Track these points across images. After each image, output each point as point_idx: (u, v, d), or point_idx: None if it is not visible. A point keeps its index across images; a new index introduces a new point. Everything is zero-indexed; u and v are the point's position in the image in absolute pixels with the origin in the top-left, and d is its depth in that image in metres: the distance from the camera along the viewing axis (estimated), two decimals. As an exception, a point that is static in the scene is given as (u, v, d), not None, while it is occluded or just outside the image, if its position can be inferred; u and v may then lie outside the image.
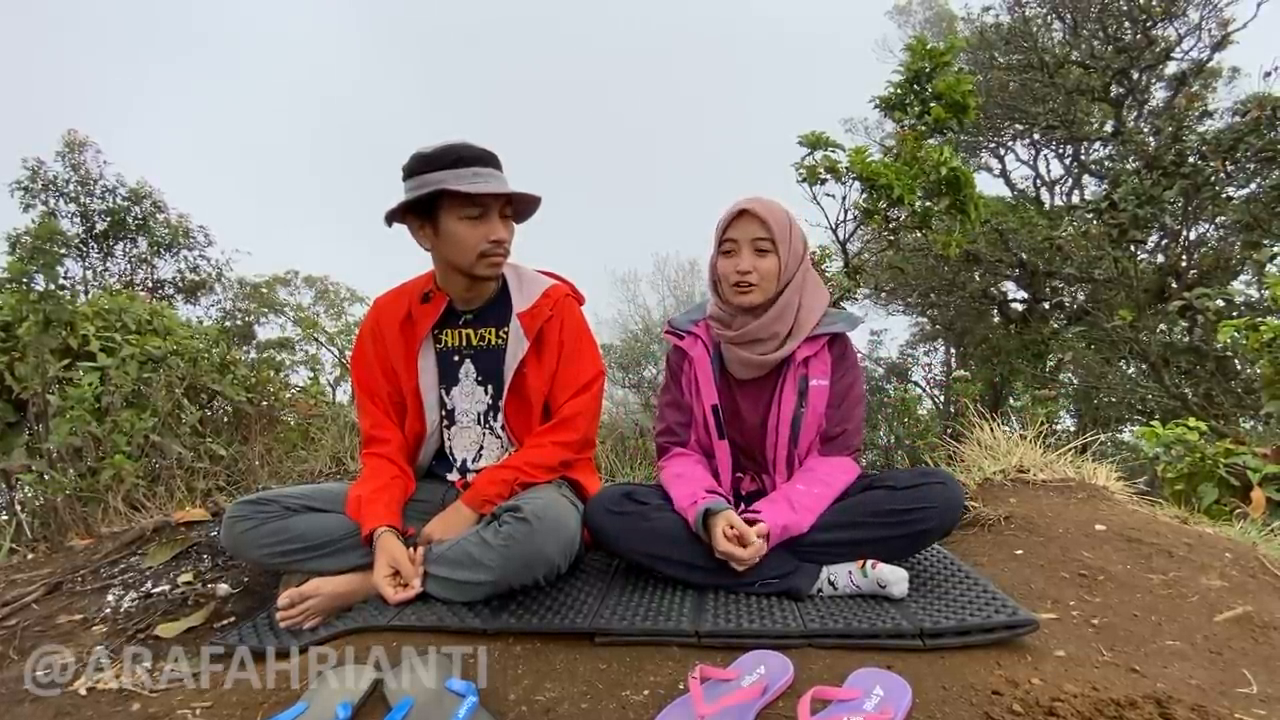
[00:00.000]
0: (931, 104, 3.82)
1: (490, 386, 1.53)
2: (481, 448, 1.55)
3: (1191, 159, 6.03)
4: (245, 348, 7.62)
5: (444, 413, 1.54)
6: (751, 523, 1.30)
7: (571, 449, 1.49)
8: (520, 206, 1.47)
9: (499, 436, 1.54)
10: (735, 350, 1.47)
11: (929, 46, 3.82)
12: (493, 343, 1.52)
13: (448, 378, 1.53)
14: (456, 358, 1.53)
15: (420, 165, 1.37)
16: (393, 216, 1.42)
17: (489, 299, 1.54)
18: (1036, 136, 11.95)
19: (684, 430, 1.56)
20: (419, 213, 1.41)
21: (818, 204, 4.00)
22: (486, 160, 1.39)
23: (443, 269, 1.48)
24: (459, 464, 1.55)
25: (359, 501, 1.38)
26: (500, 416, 1.52)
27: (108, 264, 7.41)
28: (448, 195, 1.36)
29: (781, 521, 1.30)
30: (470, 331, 1.53)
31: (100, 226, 7.23)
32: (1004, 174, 13.09)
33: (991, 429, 2.54)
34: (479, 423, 1.54)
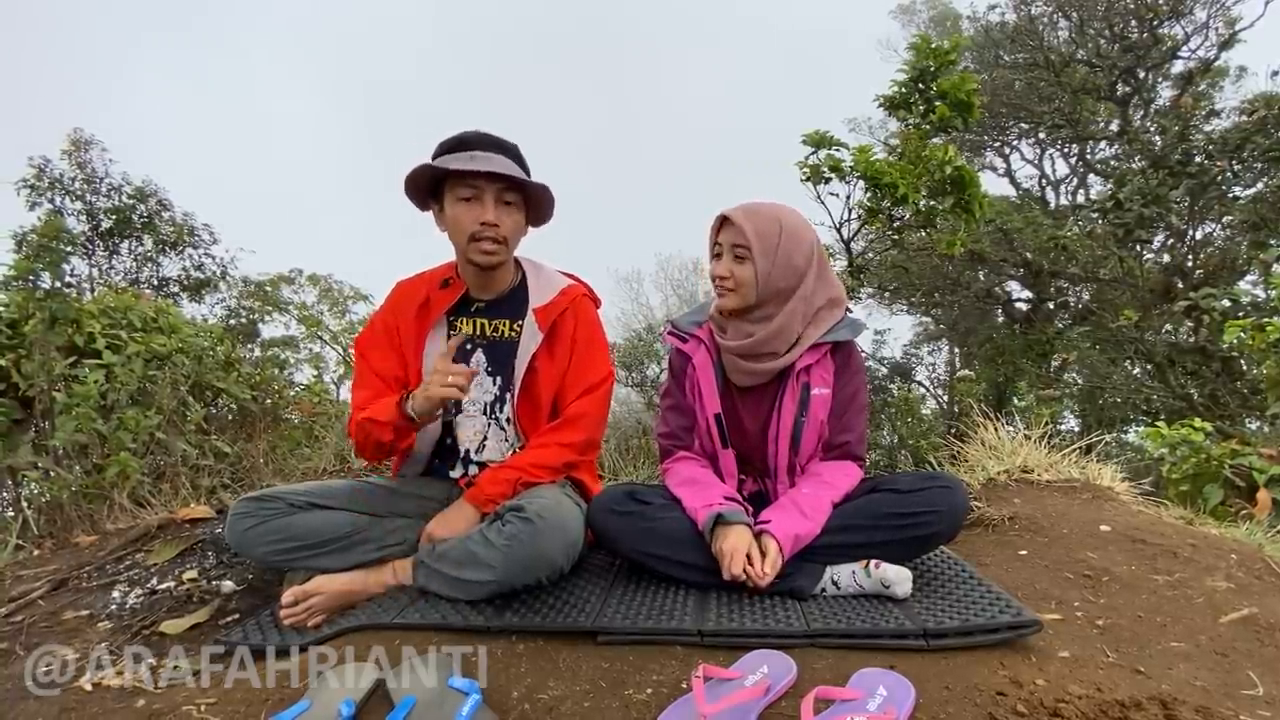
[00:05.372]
0: (936, 103, 3.81)
1: (500, 378, 1.53)
2: (485, 439, 1.55)
3: (1198, 158, 6.00)
4: (249, 346, 7.63)
5: (450, 401, 1.54)
6: (761, 534, 1.30)
7: (576, 450, 1.48)
8: (534, 201, 1.48)
9: (504, 429, 1.54)
10: (734, 359, 1.47)
11: (933, 45, 3.81)
12: (506, 334, 1.53)
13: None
14: (469, 346, 1.53)
15: (435, 150, 1.43)
16: (418, 203, 1.47)
17: (506, 291, 1.55)
18: (1042, 135, 11.92)
19: (687, 435, 1.55)
20: (439, 199, 1.45)
21: (822, 203, 4.00)
22: (489, 145, 1.41)
23: (457, 257, 1.51)
24: (461, 455, 1.55)
25: (366, 420, 1.37)
26: (507, 408, 1.52)
27: (113, 262, 7.43)
28: (448, 177, 1.40)
29: (793, 531, 1.29)
30: (485, 321, 1.54)
31: (106, 225, 7.25)
32: (1009, 173, 13.06)
33: (995, 429, 2.53)
34: (485, 413, 1.54)
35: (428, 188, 1.45)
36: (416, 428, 1.39)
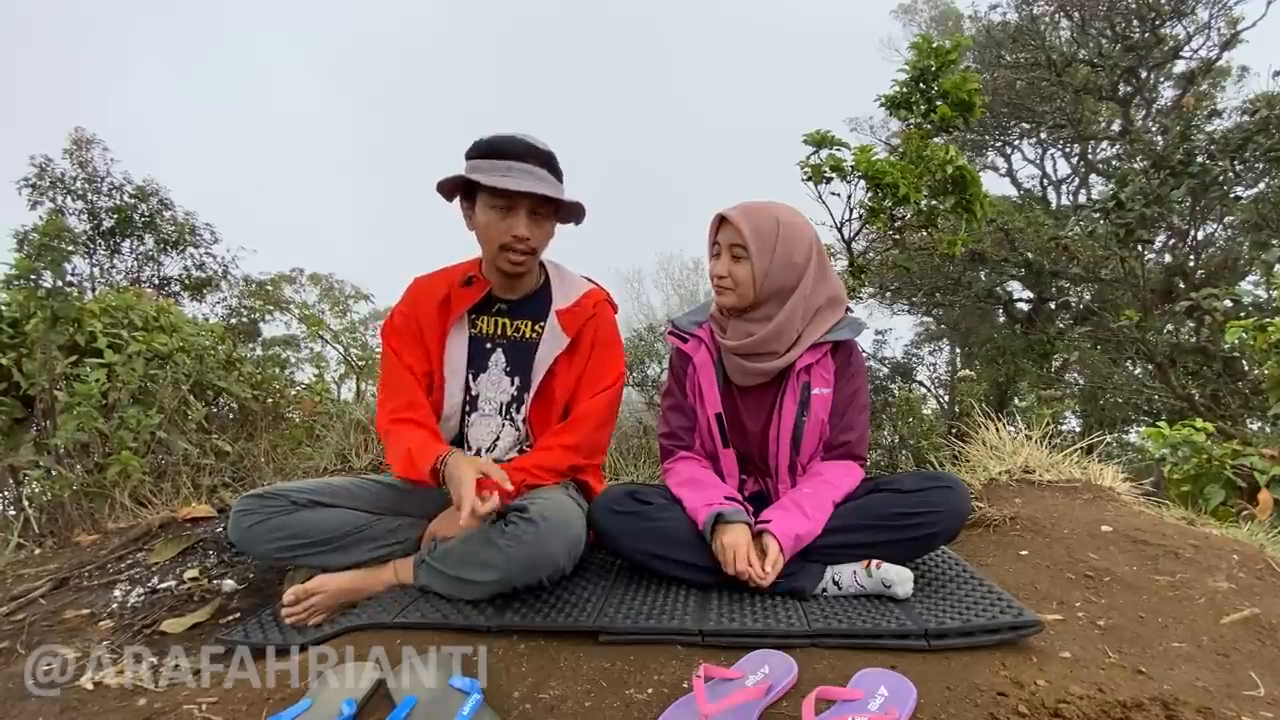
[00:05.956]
0: (937, 103, 3.80)
1: (517, 378, 1.53)
2: (498, 438, 1.54)
3: (1199, 158, 5.98)
4: (251, 345, 7.63)
5: (467, 399, 1.54)
6: (761, 533, 1.30)
7: (580, 452, 1.48)
8: (566, 208, 1.49)
9: (518, 429, 1.54)
10: (735, 358, 1.47)
11: (934, 45, 3.80)
12: (527, 335, 1.53)
13: (476, 364, 1.53)
14: (489, 345, 1.53)
15: (470, 151, 1.42)
16: (445, 196, 1.47)
17: (529, 292, 1.56)
18: (1043, 135, 11.92)
19: (688, 435, 1.55)
20: (469, 197, 1.45)
21: (823, 203, 3.98)
22: (525, 157, 1.40)
23: (484, 259, 1.52)
24: (472, 453, 1.55)
25: (410, 455, 1.36)
26: (523, 409, 1.52)
27: (114, 261, 7.42)
28: (479, 183, 1.39)
29: (794, 530, 1.28)
30: (506, 321, 1.54)
31: (107, 224, 7.25)
32: (1010, 173, 13.06)
33: (997, 429, 2.53)
34: (500, 413, 1.54)
35: (460, 185, 1.45)
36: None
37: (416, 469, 1.34)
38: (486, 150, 1.40)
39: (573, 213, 1.51)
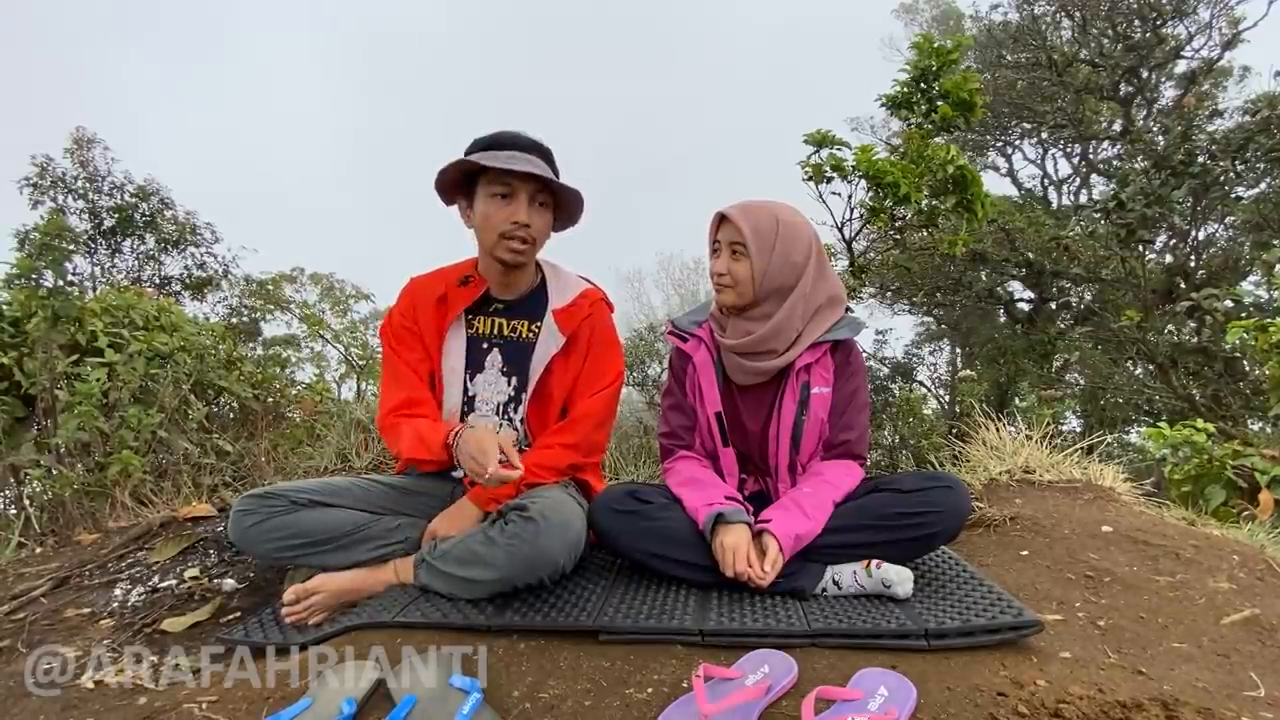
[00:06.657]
0: (938, 102, 3.80)
1: (514, 379, 1.53)
2: None
3: (1201, 158, 5.97)
4: (251, 344, 7.63)
5: (465, 399, 1.54)
6: (761, 533, 1.30)
7: (579, 451, 1.48)
8: (564, 204, 1.49)
9: (516, 429, 1.54)
10: (734, 357, 1.47)
11: (935, 45, 3.80)
12: (524, 335, 1.53)
13: (473, 364, 1.53)
14: (485, 345, 1.54)
15: (471, 146, 1.44)
16: (444, 197, 1.48)
17: (526, 292, 1.56)
18: (1044, 135, 11.90)
19: (688, 434, 1.55)
20: (468, 195, 1.46)
21: (823, 202, 3.98)
22: (527, 148, 1.42)
23: (481, 254, 1.52)
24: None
25: (419, 436, 1.37)
26: (521, 409, 1.52)
27: (115, 260, 7.43)
28: (482, 173, 1.40)
29: (794, 530, 1.28)
30: (503, 321, 1.54)
31: (108, 223, 7.26)
32: (1011, 173, 13.05)
33: (997, 429, 2.53)
34: (498, 413, 1.54)
35: (459, 182, 1.46)
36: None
37: (429, 447, 1.35)
38: (489, 143, 1.43)
39: (571, 211, 1.51)
